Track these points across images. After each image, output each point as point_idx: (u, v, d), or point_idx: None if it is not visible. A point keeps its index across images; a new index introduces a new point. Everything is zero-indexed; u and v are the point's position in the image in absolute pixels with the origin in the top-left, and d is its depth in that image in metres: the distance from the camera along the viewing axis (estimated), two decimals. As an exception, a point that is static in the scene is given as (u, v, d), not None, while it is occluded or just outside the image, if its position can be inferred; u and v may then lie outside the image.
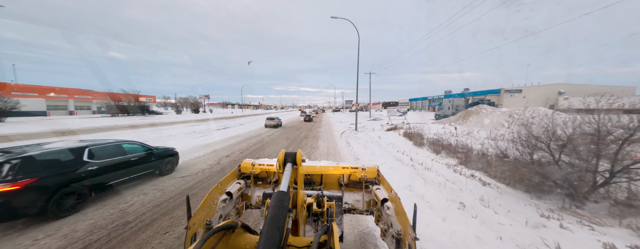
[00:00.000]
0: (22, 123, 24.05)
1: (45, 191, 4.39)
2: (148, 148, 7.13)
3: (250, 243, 1.44)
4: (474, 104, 28.24)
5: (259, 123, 29.25)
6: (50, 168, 4.64)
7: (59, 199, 4.58)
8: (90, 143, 5.75)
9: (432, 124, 21.15)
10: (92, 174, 5.28)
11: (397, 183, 6.72)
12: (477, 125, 16.89)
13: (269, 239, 0.99)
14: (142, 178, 6.84)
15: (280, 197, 1.24)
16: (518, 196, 5.83)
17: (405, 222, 1.93)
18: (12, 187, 4.01)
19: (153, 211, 4.97)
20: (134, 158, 6.46)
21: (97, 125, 23.53)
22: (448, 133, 15.35)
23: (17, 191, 4.06)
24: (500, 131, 13.82)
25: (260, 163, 3.32)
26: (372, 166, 3.31)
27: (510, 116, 16.49)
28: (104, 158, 5.68)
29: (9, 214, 4.01)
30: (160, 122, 28.06)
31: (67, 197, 4.75)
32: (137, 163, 6.51)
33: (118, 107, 35.78)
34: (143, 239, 3.95)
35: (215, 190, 2.52)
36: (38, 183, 4.32)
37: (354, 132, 20.27)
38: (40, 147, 5.08)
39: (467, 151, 9.88)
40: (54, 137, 15.90)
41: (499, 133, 13.21)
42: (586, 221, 4.47)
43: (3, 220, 4.02)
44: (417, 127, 19.53)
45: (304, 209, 2.01)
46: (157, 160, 7.18)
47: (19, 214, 4.12)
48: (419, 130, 17.91)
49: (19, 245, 3.71)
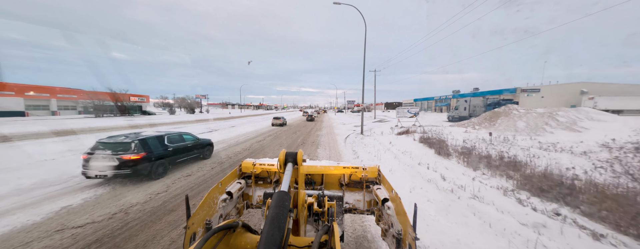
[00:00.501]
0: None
1: (150, 161, 7.14)
2: (196, 139, 9.65)
3: (250, 242, 1.40)
4: (494, 104, 25.32)
5: (255, 126, 26.68)
6: (151, 147, 7.38)
7: (156, 167, 7.33)
8: (165, 133, 8.49)
9: (450, 127, 18.33)
10: (170, 153, 8.02)
11: (441, 227, 4.01)
12: (509, 128, 14.08)
13: (270, 239, 0.99)
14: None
15: (281, 197, 1.26)
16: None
17: (406, 222, 1.92)
18: (137, 157, 6.82)
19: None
20: (189, 144, 8.99)
21: (58, 128, 20.96)
22: (475, 139, 12.56)
23: (139, 160, 6.83)
24: (545, 137, 11.03)
25: (261, 163, 3.30)
26: (373, 165, 3.19)
27: (550, 117, 13.65)
28: (174, 143, 8.40)
29: (135, 173, 6.79)
30: (144, 124, 25.50)
31: (159, 167, 7.49)
32: (191, 148, 9.04)
33: (103, 107, 33.32)
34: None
35: (215, 189, 2.51)
36: (147, 155, 7.08)
37: (360, 137, 17.51)
38: (141, 134, 7.73)
39: (523, 168, 7.10)
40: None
41: (558, 143, 10.40)
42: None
43: (133, 176, 6.89)
44: (434, 131, 16.75)
45: (305, 209, 1.98)
46: (201, 147, 9.68)
47: (140, 174, 6.91)
48: (437, 135, 15.15)
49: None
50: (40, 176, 7.47)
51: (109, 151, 6.67)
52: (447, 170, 8.36)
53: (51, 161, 9.51)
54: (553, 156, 8.58)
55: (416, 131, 17.61)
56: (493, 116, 16.16)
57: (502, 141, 11.25)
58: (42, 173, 7.77)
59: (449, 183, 6.88)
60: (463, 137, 13.48)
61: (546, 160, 7.78)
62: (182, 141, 8.77)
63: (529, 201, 5.38)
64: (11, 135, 16.31)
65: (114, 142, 6.90)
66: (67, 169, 8.21)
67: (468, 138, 13.06)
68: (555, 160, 7.82)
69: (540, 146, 9.87)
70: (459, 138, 13.07)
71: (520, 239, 3.97)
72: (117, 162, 6.48)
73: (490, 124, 15.76)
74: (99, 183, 6.92)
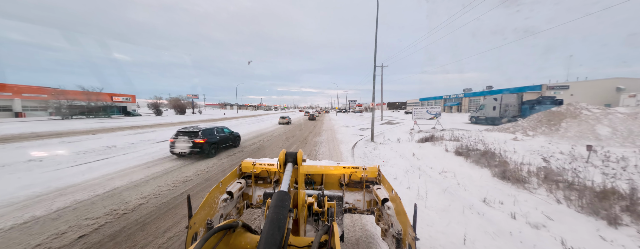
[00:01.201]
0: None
1: (209, 144, 9.99)
2: (231, 131, 12.58)
3: (250, 242, 1.40)
4: (532, 103, 21.00)
5: (249, 128, 22.68)
6: (209, 135, 10.21)
7: (211, 149, 10.19)
8: (214, 126, 11.50)
9: (486, 132, 14.13)
10: (218, 140, 10.79)
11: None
12: (585, 136, 9.92)
13: (270, 238, 0.98)
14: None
15: (281, 197, 1.25)
16: None
17: (406, 222, 1.91)
18: (202, 141, 9.61)
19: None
20: (227, 135, 11.86)
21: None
22: (551, 153, 8.36)
23: (203, 143, 9.64)
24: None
25: (261, 163, 3.28)
26: (373, 166, 3.20)
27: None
28: (219, 133, 11.21)
29: (201, 152, 9.68)
30: (98, 129, 21.47)
31: (212, 149, 10.33)
32: (228, 138, 11.90)
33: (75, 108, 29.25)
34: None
35: (216, 189, 2.51)
36: (207, 141, 9.88)
37: (371, 145, 13.35)
38: (201, 127, 10.67)
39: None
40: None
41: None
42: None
43: (200, 154, 9.80)
44: (467, 137, 12.58)
45: (305, 209, 1.98)
46: (234, 138, 12.69)
47: (203, 153, 9.79)
48: (475, 142, 11.03)
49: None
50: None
51: (186, 137, 9.74)
52: (551, 221, 4.26)
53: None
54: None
55: (443, 138, 13.44)
56: (552, 118, 11.94)
57: (604, 159, 7.03)
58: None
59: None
60: (521, 148, 9.32)
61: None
62: (224, 133, 11.64)
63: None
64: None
65: (189, 131, 9.94)
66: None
67: (533, 149, 8.89)
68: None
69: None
70: (519, 151, 8.92)
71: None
72: (191, 144, 9.57)
73: (549, 129, 11.55)
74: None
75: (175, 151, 9.56)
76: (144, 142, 14.04)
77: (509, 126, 13.50)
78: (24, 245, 3.74)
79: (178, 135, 9.79)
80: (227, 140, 11.62)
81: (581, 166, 6.84)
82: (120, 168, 8.38)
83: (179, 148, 9.48)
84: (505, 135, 12.76)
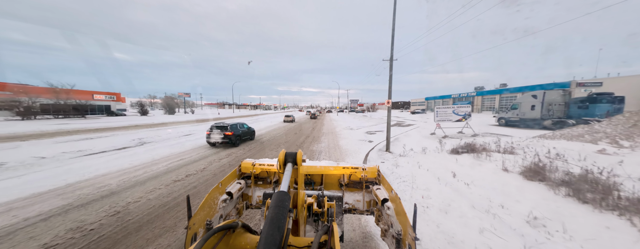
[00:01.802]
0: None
1: (235, 136, 12.57)
2: (249, 127, 15.07)
3: (250, 243, 1.39)
4: (583, 101, 17.08)
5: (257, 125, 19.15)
6: (234, 129, 12.75)
7: (236, 140, 12.69)
8: (237, 122, 13.97)
9: (544, 140, 10.38)
10: (241, 133, 13.33)
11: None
12: None
13: (270, 239, 0.98)
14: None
15: (281, 197, 1.25)
16: None
17: (406, 222, 1.90)
18: (230, 133, 12.29)
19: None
20: (246, 129, 14.33)
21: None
22: None
23: (231, 135, 12.31)
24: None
25: (261, 163, 3.27)
26: (373, 166, 3.17)
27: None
28: (241, 128, 13.73)
29: (230, 143, 12.43)
30: (55, 131, 17.79)
31: (237, 140, 12.82)
32: (247, 132, 14.38)
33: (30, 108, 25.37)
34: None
35: (215, 190, 2.49)
36: (234, 133, 12.51)
37: (388, 158, 9.70)
38: (228, 122, 13.13)
39: None
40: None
41: None
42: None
43: (228, 144, 12.52)
44: (516, 146, 8.88)
45: (305, 209, 1.96)
46: (251, 133, 15.18)
47: (231, 143, 12.42)
48: (547, 158, 7.38)
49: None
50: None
51: (219, 130, 12.32)
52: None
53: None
54: None
55: (489, 148, 9.68)
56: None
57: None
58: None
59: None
60: (632, 169, 5.57)
61: None
62: (244, 128, 14.23)
63: None
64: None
65: (220, 125, 12.55)
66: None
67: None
68: None
69: None
70: (633, 175, 5.17)
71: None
72: (222, 135, 12.11)
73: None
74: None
75: (211, 141, 12.29)
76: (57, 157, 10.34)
77: (581, 131, 9.72)
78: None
79: (212, 129, 12.47)
80: (246, 134, 14.32)
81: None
82: None
83: (214, 139, 12.18)
84: (579, 145, 9.04)
